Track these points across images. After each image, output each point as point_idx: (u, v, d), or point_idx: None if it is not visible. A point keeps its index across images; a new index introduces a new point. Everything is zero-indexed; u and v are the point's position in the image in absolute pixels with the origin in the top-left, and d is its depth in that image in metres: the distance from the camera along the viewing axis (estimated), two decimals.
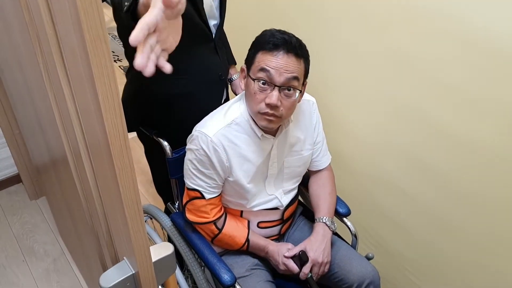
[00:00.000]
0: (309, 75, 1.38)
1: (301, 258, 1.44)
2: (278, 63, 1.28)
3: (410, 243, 1.78)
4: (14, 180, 2.68)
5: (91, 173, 0.97)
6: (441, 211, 1.60)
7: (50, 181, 1.77)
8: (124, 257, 0.93)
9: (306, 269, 1.44)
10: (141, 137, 1.75)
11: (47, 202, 2.48)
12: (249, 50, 1.37)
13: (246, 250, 1.55)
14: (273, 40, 1.29)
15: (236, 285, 1.43)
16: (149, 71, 0.70)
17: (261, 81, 1.30)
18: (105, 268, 1.34)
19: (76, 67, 0.68)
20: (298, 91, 1.33)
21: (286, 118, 1.40)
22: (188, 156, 1.44)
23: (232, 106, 1.45)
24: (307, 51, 1.35)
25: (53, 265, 2.24)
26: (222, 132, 1.39)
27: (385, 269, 1.66)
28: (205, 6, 1.51)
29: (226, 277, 1.43)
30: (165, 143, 1.57)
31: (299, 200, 1.72)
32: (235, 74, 1.81)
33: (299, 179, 1.60)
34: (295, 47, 1.29)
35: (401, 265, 1.85)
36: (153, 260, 0.90)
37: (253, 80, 1.32)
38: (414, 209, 1.70)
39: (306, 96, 1.50)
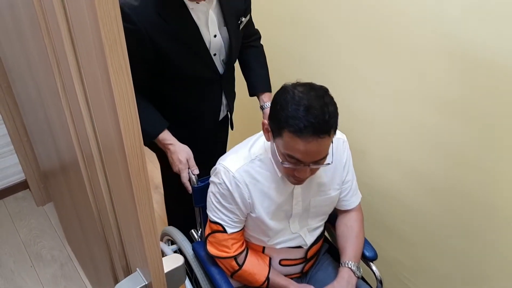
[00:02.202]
0: None
1: None
2: (307, 149, 1.17)
3: (408, 250, 1.81)
4: (22, 186, 2.72)
5: (105, 184, 1.00)
6: (441, 221, 1.63)
7: (59, 188, 1.81)
8: (137, 268, 0.96)
9: None
10: (159, 155, 1.77)
11: (54, 208, 2.52)
12: (272, 110, 1.25)
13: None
14: (298, 124, 1.14)
15: None
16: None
17: (289, 162, 1.23)
18: (115, 277, 1.37)
19: (92, 68, 0.71)
20: (327, 162, 1.26)
21: None
22: (211, 188, 1.42)
23: (257, 141, 1.42)
24: (334, 112, 1.19)
25: (61, 271, 2.27)
26: (245, 168, 1.36)
27: (383, 275, 1.67)
28: (214, 46, 1.53)
29: None
30: (191, 174, 1.57)
31: (325, 237, 1.67)
32: (268, 102, 1.72)
33: (325, 217, 1.55)
34: (323, 128, 1.15)
35: (399, 272, 1.88)
36: (165, 271, 0.94)
37: (281, 162, 1.24)
38: (412, 217, 1.73)
39: (337, 134, 1.38)
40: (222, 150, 1.95)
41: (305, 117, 1.14)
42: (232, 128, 1.92)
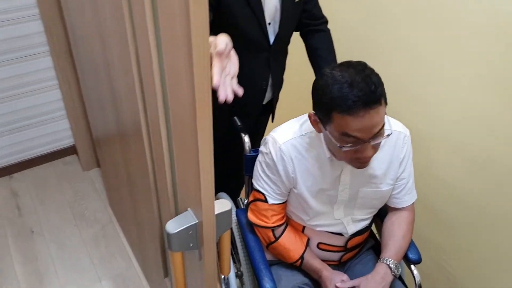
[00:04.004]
0: None
1: None
2: (362, 125, 1.13)
3: (448, 233, 1.80)
4: (70, 151, 2.85)
5: (164, 127, 1.08)
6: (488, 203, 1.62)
7: (111, 151, 1.91)
8: (188, 208, 1.04)
9: None
10: None
11: (101, 172, 2.64)
12: (315, 99, 1.23)
13: (299, 266, 1.51)
14: (346, 101, 1.11)
15: None
16: (230, 98, 0.93)
17: (347, 144, 1.18)
18: (161, 227, 1.46)
19: (172, 29, 0.78)
20: (386, 134, 1.21)
21: None
22: (259, 157, 1.44)
23: None
24: (379, 81, 1.15)
25: (102, 231, 2.39)
26: (293, 142, 1.35)
27: (423, 262, 1.65)
28: (268, 11, 1.53)
29: (267, 286, 1.42)
30: (247, 139, 1.60)
31: (372, 233, 1.66)
32: None
33: (374, 211, 1.49)
34: (371, 99, 1.11)
35: (438, 254, 1.87)
36: (215, 213, 1.00)
37: (340, 146, 1.19)
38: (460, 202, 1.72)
39: (399, 127, 1.39)
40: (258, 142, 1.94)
41: (351, 93, 1.11)
42: (273, 120, 1.92)
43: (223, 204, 1.04)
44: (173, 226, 1.00)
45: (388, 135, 1.21)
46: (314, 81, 1.23)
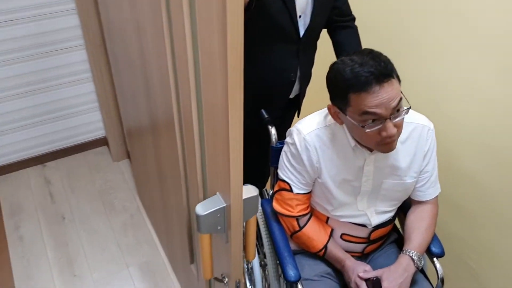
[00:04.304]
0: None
1: (373, 284, 1.39)
2: (378, 100, 1.18)
3: (473, 229, 1.81)
4: (101, 142, 2.95)
5: (196, 120, 1.13)
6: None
7: (141, 142, 1.98)
8: (217, 192, 1.09)
9: None
10: None
11: (131, 163, 2.72)
12: (330, 88, 1.29)
13: (323, 256, 1.54)
14: (359, 78, 1.18)
15: (299, 284, 1.46)
16: None
17: (369, 122, 1.22)
18: (189, 212, 1.51)
19: (208, 32, 0.83)
20: (405, 108, 1.25)
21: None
22: (284, 148, 1.48)
23: None
24: (388, 60, 1.22)
25: (130, 220, 2.47)
26: (317, 132, 1.38)
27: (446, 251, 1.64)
28: (299, 4, 1.57)
29: (291, 273, 1.44)
30: (273, 131, 1.65)
31: (395, 227, 1.68)
32: None
33: (398, 203, 1.52)
34: (383, 73, 1.17)
35: (462, 250, 1.88)
36: (243, 197, 1.05)
37: (361, 126, 1.23)
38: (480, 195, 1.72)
39: (422, 120, 1.42)
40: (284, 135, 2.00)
41: (363, 70, 1.17)
42: (298, 115, 1.96)
43: (251, 190, 1.08)
44: (202, 208, 1.05)
45: (408, 109, 1.24)
46: (326, 74, 1.28)
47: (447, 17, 1.66)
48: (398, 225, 1.70)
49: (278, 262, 1.61)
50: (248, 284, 2.02)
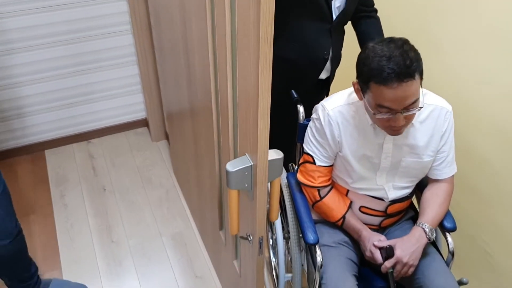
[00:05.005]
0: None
1: (387, 252, 1.49)
2: (395, 95, 1.27)
3: (489, 213, 1.84)
4: (142, 123, 3.15)
5: (231, 92, 1.27)
6: None
7: (180, 124, 2.13)
8: (246, 153, 1.22)
9: (388, 263, 1.48)
10: None
11: (169, 143, 2.89)
12: (358, 68, 1.36)
13: (341, 226, 1.64)
14: (382, 72, 1.25)
15: (316, 248, 1.56)
16: None
17: (382, 113, 1.32)
18: (221, 178, 1.65)
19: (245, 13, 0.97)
20: (418, 107, 1.33)
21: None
22: (310, 123, 1.59)
23: None
24: (415, 58, 1.27)
25: (166, 195, 2.64)
26: (340, 109, 1.48)
27: (461, 235, 1.68)
28: None
29: (310, 236, 1.56)
30: (301, 110, 1.76)
31: (413, 205, 1.76)
32: None
33: (415, 180, 1.60)
34: (405, 72, 1.24)
35: (477, 234, 1.92)
36: (269, 159, 1.18)
37: (374, 114, 1.34)
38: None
39: (442, 103, 1.49)
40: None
41: (387, 66, 1.24)
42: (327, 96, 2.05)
43: (276, 153, 1.21)
44: (232, 166, 1.19)
45: (420, 108, 1.33)
46: (359, 53, 1.37)
47: (462, 11, 1.72)
48: (417, 205, 1.78)
49: (300, 234, 1.71)
50: (271, 256, 2.15)
